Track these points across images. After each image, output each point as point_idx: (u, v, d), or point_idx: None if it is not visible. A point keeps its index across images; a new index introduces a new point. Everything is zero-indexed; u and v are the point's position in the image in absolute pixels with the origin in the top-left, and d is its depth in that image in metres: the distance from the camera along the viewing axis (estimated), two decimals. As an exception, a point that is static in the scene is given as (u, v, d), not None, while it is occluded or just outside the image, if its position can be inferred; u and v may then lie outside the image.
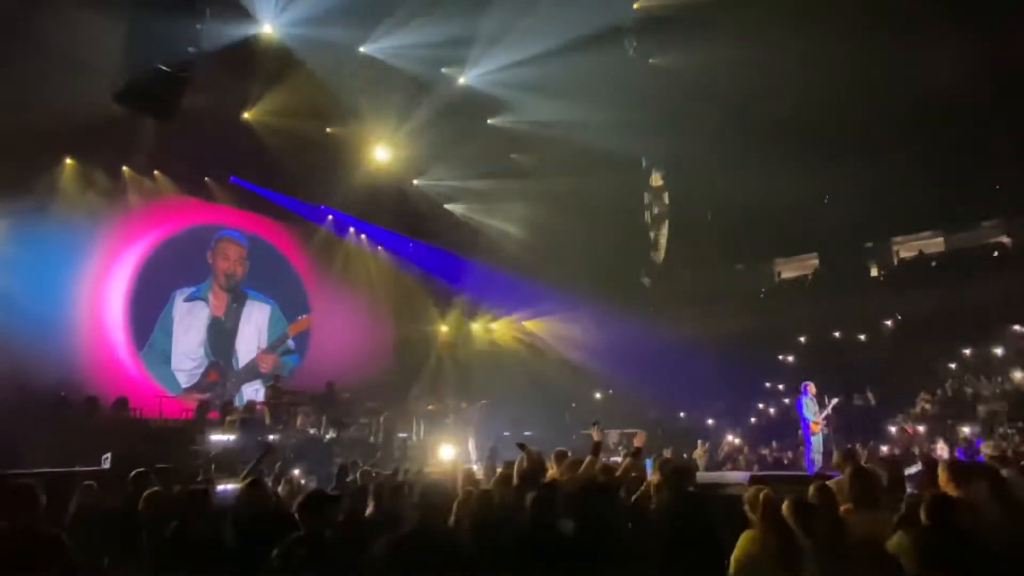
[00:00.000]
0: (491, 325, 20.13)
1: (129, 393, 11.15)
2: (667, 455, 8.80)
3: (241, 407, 12.03)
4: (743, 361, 17.77)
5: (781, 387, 17.89)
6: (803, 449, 12.15)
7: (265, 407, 11.79)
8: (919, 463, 7.73)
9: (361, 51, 13.19)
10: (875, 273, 21.89)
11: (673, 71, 15.44)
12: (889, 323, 19.31)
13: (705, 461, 13.39)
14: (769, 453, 14.36)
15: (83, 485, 6.15)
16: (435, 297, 18.84)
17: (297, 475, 8.05)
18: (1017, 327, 16.08)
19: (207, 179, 14.55)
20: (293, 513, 4.10)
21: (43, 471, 8.62)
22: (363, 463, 8.45)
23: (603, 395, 19.50)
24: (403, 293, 18.01)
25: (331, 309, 16.94)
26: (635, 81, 15.26)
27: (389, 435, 12.91)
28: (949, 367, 16.12)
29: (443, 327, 19.12)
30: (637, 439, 6.12)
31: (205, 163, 14.03)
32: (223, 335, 14.89)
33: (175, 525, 4.13)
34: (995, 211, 19.45)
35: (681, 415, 18.69)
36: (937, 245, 21.32)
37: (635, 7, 14.39)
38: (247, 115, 13.55)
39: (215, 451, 9.79)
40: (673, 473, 4.91)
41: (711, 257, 21.48)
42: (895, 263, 21.87)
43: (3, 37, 10.17)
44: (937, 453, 10.04)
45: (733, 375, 17.29)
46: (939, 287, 17.67)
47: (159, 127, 12.17)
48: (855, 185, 17.89)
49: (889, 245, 21.92)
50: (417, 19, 12.77)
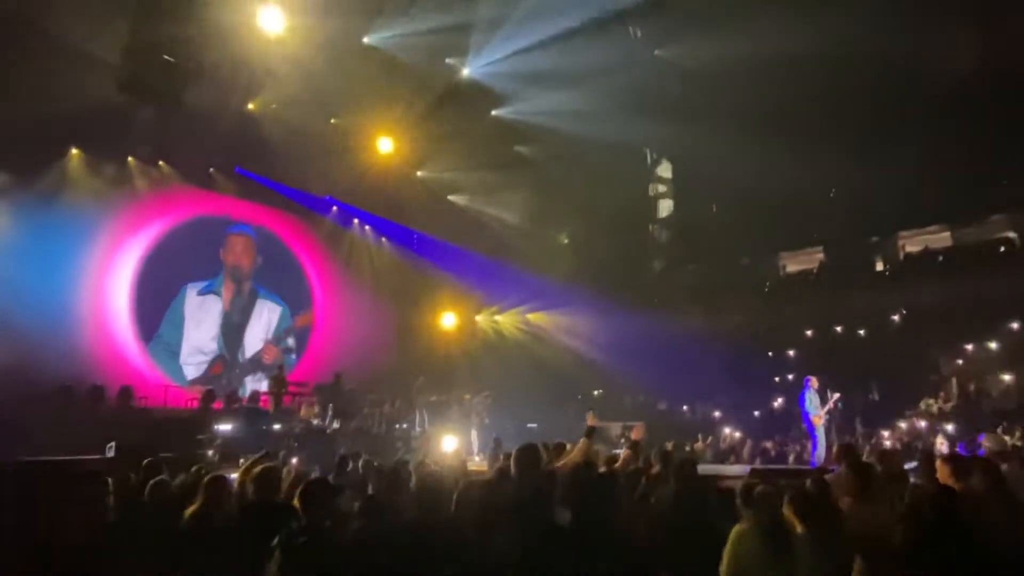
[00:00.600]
0: (496, 317, 20.14)
1: (133, 383, 11.24)
2: (668, 447, 8.79)
3: (245, 397, 12.11)
4: (747, 355, 17.75)
5: (785, 381, 17.85)
6: (807, 443, 12.14)
7: (269, 397, 11.87)
8: (919, 456, 7.71)
9: (365, 41, 13.17)
10: (881, 268, 21.76)
11: (678, 62, 15.35)
12: (894, 318, 19.22)
13: (707, 454, 13.39)
14: (772, 447, 14.35)
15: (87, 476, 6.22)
16: (439, 289, 18.85)
17: (295, 463, 8.09)
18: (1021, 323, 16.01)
19: (212, 170, 14.59)
20: (292, 502, 4.11)
21: (48, 459, 8.73)
22: (365, 454, 8.49)
23: (607, 388, 19.50)
24: (407, 285, 18.03)
25: (335, 300, 17.00)
26: (640, 72, 15.18)
27: (392, 426, 12.98)
28: (954, 363, 16.06)
29: (447, 319, 19.14)
30: (635, 432, 6.12)
31: (210, 154, 14.05)
32: (232, 329, 15.00)
33: (192, 511, 4.15)
34: (1002, 206, 19.29)
35: (684, 408, 18.69)
36: (943, 240, 21.17)
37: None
38: (251, 106, 13.56)
39: (219, 441, 9.86)
40: (673, 465, 4.93)
41: (716, 250, 21.41)
42: (901, 258, 21.73)
43: (10, 28, 10.19)
44: (938, 448, 10.02)
45: (737, 369, 17.27)
46: (945, 282, 17.57)
47: (164, 118, 12.20)
48: (861, 179, 17.77)
49: (895, 240, 21.76)
50: (420, 8, 12.73)
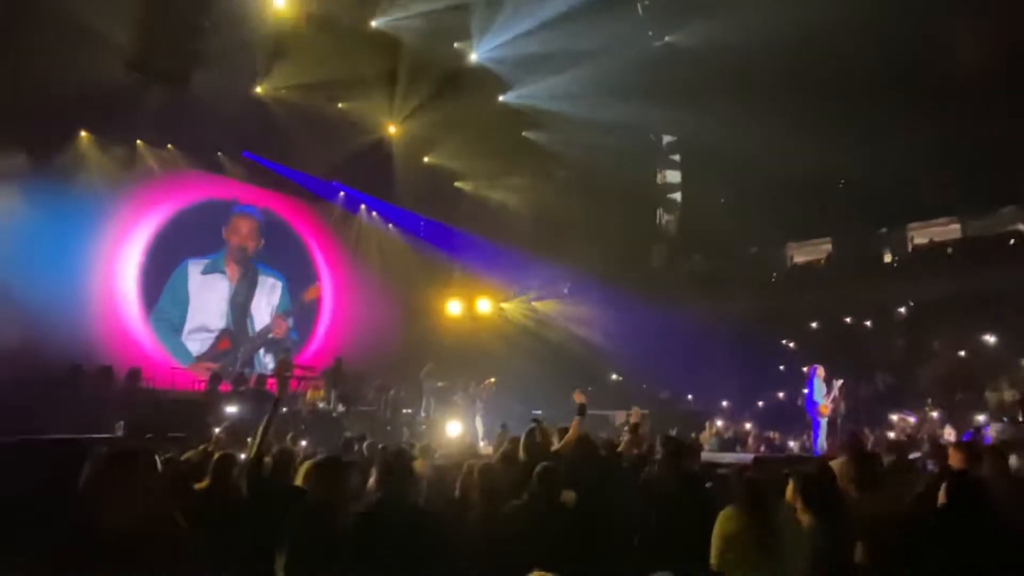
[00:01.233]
0: (502, 304, 20.15)
1: (142, 364, 11.34)
2: (672, 435, 8.81)
3: (252, 377, 12.20)
4: (754, 345, 17.71)
5: (791, 371, 17.83)
6: (811, 433, 12.15)
7: (275, 380, 11.95)
8: (925, 447, 7.72)
9: (373, 25, 13.11)
10: (889, 259, 21.65)
11: (688, 48, 15.23)
12: (902, 310, 19.15)
13: (712, 442, 13.39)
14: (777, 436, 14.36)
15: (96, 451, 6.29)
16: (446, 275, 18.86)
17: (304, 446, 8.15)
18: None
19: (220, 154, 14.60)
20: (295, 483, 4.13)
21: (57, 437, 8.81)
22: (370, 437, 8.55)
23: (613, 376, 19.52)
24: (413, 271, 18.04)
25: (341, 285, 17.04)
26: (649, 58, 15.07)
27: (397, 411, 13.05)
28: (961, 355, 16.00)
29: (453, 306, 19.15)
30: (633, 415, 6.18)
31: (218, 137, 14.05)
32: (237, 307, 15.06)
33: (203, 488, 4.18)
34: (1013, 198, 19.12)
35: (689, 397, 18.70)
36: (953, 232, 21.02)
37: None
38: (259, 89, 13.54)
39: (226, 422, 9.94)
40: (676, 451, 4.94)
41: (723, 240, 21.32)
42: (909, 249, 21.60)
43: (18, 9, 10.19)
44: (944, 438, 10.00)
45: (744, 358, 17.26)
46: (954, 274, 17.47)
47: (172, 100, 12.20)
48: (870, 170, 17.64)
49: (904, 231, 21.63)
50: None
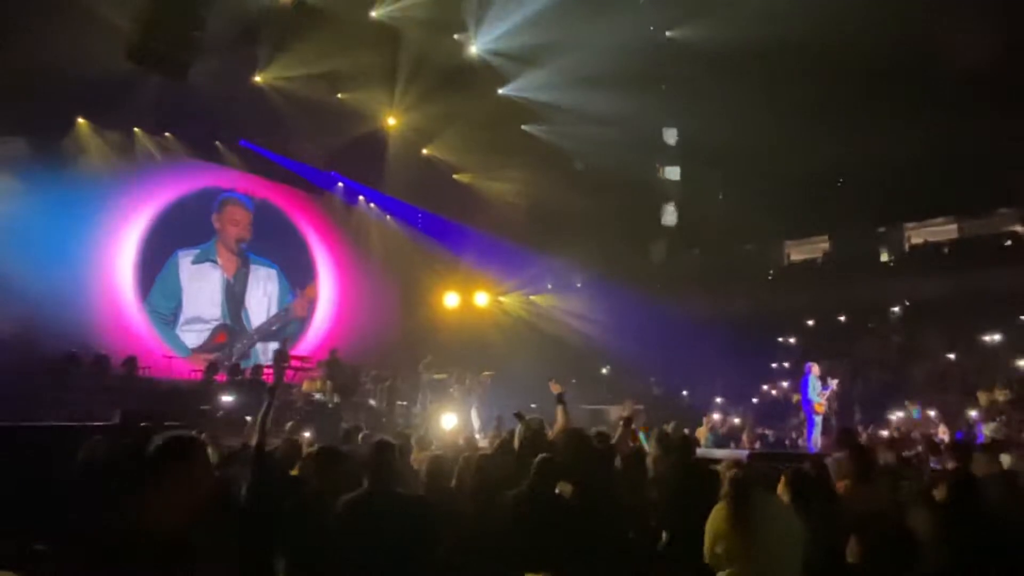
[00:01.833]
0: (499, 298, 20.16)
1: (139, 352, 11.32)
2: (667, 430, 8.85)
3: (248, 369, 12.19)
4: (749, 341, 17.78)
5: (786, 367, 17.91)
6: (805, 429, 12.22)
7: (272, 371, 11.93)
8: (919, 446, 7.77)
9: (372, 15, 13.05)
10: (886, 258, 21.73)
11: (688, 43, 15.21)
12: (897, 309, 19.23)
13: (707, 438, 13.45)
14: (772, 433, 14.45)
15: (90, 439, 6.29)
16: (443, 268, 18.85)
17: (309, 437, 8.15)
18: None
19: (217, 142, 14.55)
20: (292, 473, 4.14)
21: (53, 424, 8.81)
22: (366, 429, 8.56)
23: (608, 370, 19.58)
24: (411, 263, 18.03)
25: (339, 276, 17.02)
26: (650, 52, 15.05)
27: (393, 403, 13.06)
28: (954, 355, 16.08)
29: (450, 298, 19.15)
30: (624, 408, 6.24)
31: (216, 126, 13.99)
32: (232, 298, 15.00)
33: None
34: (1010, 199, 19.19)
35: (684, 393, 18.76)
36: (950, 232, 21.11)
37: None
38: (258, 78, 13.48)
39: (221, 412, 9.95)
40: (672, 446, 4.97)
41: (720, 236, 21.36)
42: (906, 249, 21.68)
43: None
44: (938, 436, 10.06)
45: (738, 355, 17.31)
46: (950, 274, 17.55)
47: (171, 88, 12.13)
48: (869, 168, 17.68)
49: (901, 230, 21.70)
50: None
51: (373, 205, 17.99)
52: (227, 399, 10.17)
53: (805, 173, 17.00)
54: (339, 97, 14.62)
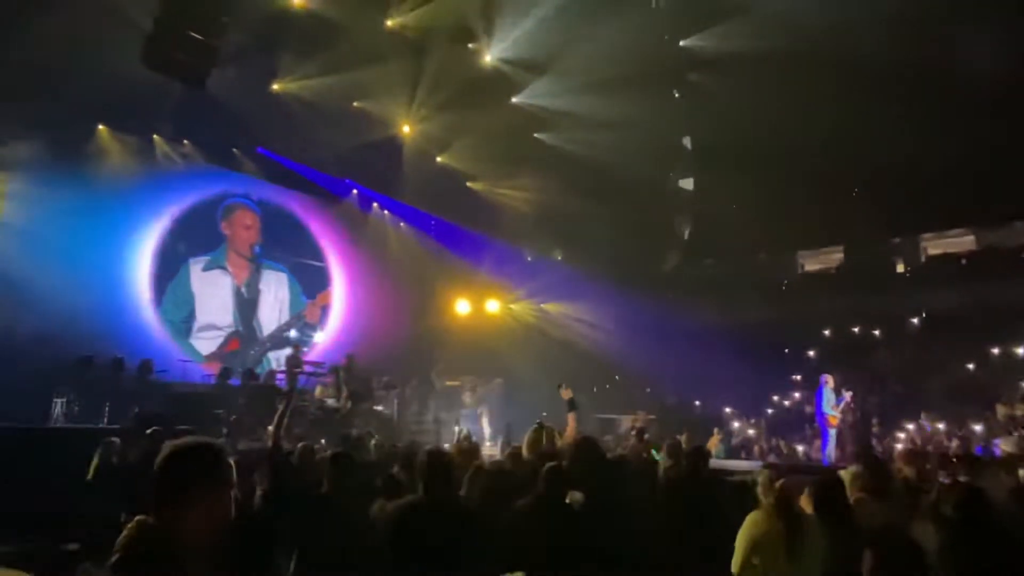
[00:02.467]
0: (511, 305, 20.16)
1: (153, 356, 11.44)
2: (682, 441, 8.81)
3: (262, 376, 12.27)
4: (762, 352, 17.63)
5: (799, 379, 17.75)
6: (819, 442, 12.11)
7: (285, 376, 12.01)
8: (933, 459, 7.66)
9: (388, 25, 13.17)
10: (901, 269, 21.49)
11: (703, 50, 15.20)
12: (914, 321, 19.01)
13: (719, 449, 13.37)
14: (785, 444, 14.31)
15: (105, 440, 6.37)
16: (455, 275, 18.90)
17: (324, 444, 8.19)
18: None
19: (235, 150, 14.71)
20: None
21: (70, 427, 8.93)
22: (377, 435, 8.59)
23: (619, 380, 19.49)
24: (423, 270, 18.09)
25: (352, 282, 17.11)
26: (663, 60, 15.06)
27: (404, 410, 13.10)
28: (971, 367, 15.87)
29: (462, 305, 19.18)
30: (636, 420, 6.20)
31: (233, 133, 14.14)
32: (244, 304, 15.10)
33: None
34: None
35: (697, 403, 18.63)
36: (967, 243, 20.85)
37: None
38: (276, 86, 13.63)
39: (235, 416, 10.02)
40: (686, 456, 4.95)
41: (734, 246, 21.24)
42: (922, 260, 21.44)
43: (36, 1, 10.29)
44: (952, 450, 9.93)
45: (751, 366, 17.17)
46: (967, 286, 17.32)
47: (190, 96, 12.29)
48: (884, 178, 17.53)
49: (917, 241, 21.47)
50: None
51: (387, 212, 18.09)
52: (240, 404, 10.25)
53: (820, 182, 16.87)
54: (355, 105, 14.74)
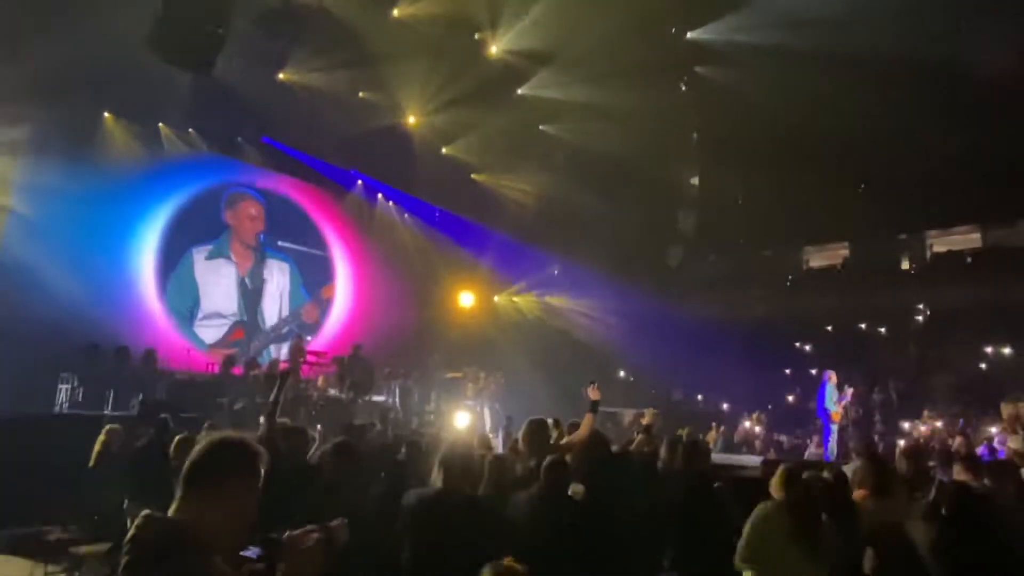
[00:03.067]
0: (514, 298, 20.16)
1: (158, 345, 11.48)
2: (683, 436, 8.81)
3: (265, 364, 12.30)
4: (766, 348, 17.62)
5: (802, 375, 17.74)
6: (819, 438, 12.10)
7: (287, 366, 12.02)
8: (935, 457, 7.64)
9: (394, 15, 13.11)
10: (907, 266, 21.40)
11: (710, 43, 15.10)
12: (918, 318, 18.95)
13: (719, 444, 13.36)
14: (786, 440, 14.31)
15: (108, 428, 6.41)
16: (459, 267, 18.90)
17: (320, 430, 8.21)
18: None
19: (239, 139, 14.69)
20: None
21: (74, 413, 8.97)
22: (380, 426, 8.60)
23: (622, 373, 19.50)
24: (427, 262, 18.10)
25: (355, 274, 17.12)
26: (670, 53, 14.97)
27: (406, 401, 13.12)
28: (976, 366, 15.83)
29: (466, 297, 19.19)
30: (647, 417, 6.20)
31: (238, 122, 14.13)
32: (248, 294, 15.11)
33: None
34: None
35: (699, 398, 18.65)
36: (973, 241, 20.74)
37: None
38: (282, 75, 13.60)
39: (238, 405, 10.05)
40: (687, 451, 4.95)
41: (738, 241, 21.18)
42: (928, 257, 21.35)
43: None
44: (955, 448, 9.88)
45: (754, 361, 17.17)
46: (973, 284, 17.24)
47: (195, 84, 12.28)
48: (891, 174, 17.44)
49: (923, 238, 21.37)
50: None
51: (392, 203, 18.07)
52: (242, 392, 10.28)
53: (826, 178, 16.78)
54: (361, 96, 14.70)
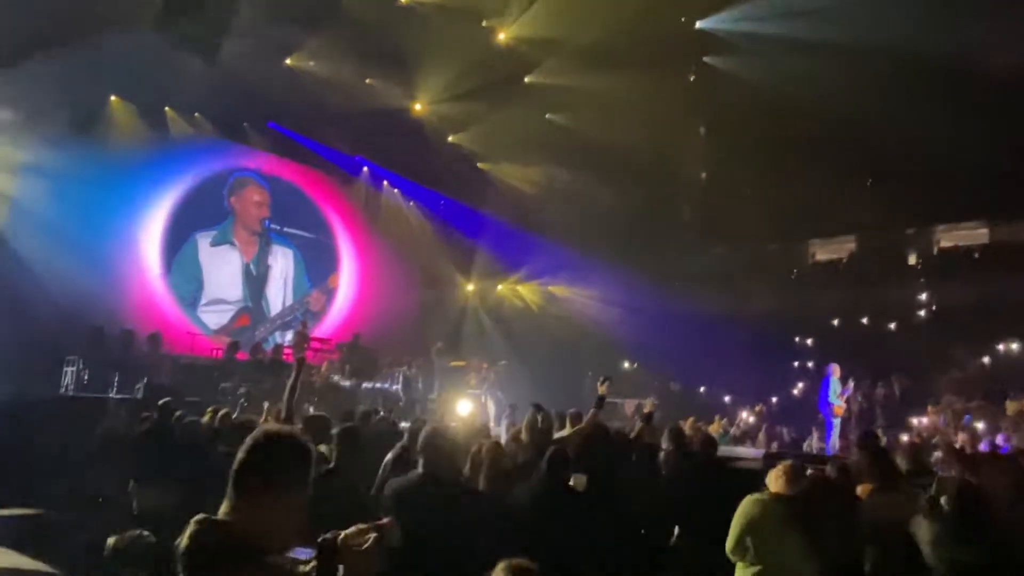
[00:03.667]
0: (517, 287, 20.15)
1: (162, 329, 11.52)
2: (686, 427, 8.83)
3: (269, 349, 12.34)
4: (769, 340, 17.60)
5: (806, 368, 17.72)
6: (821, 432, 12.10)
7: (291, 351, 12.08)
8: (938, 452, 7.65)
9: (403, 1, 13.03)
10: (913, 261, 21.30)
11: (718, 33, 14.99)
12: (923, 313, 18.88)
13: (720, 436, 13.37)
14: (787, 433, 14.30)
15: (112, 410, 6.46)
16: (463, 255, 18.88)
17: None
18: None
19: (245, 124, 14.66)
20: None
21: (80, 395, 9.02)
22: (383, 412, 8.64)
23: (625, 364, 19.51)
24: (432, 249, 18.09)
25: (361, 260, 17.13)
26: (680, 47, 14.86)
27: (409, 388, 13.15)
28: (981, 362, 15.77)
29: (469, 286, 19.19)
30: (648, 405, 6.23)
31: (244, 107, 14.09)
32: (252, 280, 15.13)
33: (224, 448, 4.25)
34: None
35: (701, 390, 18.65)
36: (980, 236, 20.61)
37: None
38: (288, 61, 13.54)
39: (242, 390, 10.09)
40: (691, 443, 4.95)
41: (744, 233, 21.10)
42: (935, 252, 21.23)
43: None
44: (958, 444, 9.88)
45: (758, 354, 17.14)
46: (979, 280, 17.16)
47: (202, 68, 12.23)
48: (898, 168, 17.33)
49: (930, 233, 21.25)
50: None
51: (397, 191, 18.04)
52: (247, 377, 10.32)
53: (834, 171, 16.67)
54: (368, 82, 14.63)
